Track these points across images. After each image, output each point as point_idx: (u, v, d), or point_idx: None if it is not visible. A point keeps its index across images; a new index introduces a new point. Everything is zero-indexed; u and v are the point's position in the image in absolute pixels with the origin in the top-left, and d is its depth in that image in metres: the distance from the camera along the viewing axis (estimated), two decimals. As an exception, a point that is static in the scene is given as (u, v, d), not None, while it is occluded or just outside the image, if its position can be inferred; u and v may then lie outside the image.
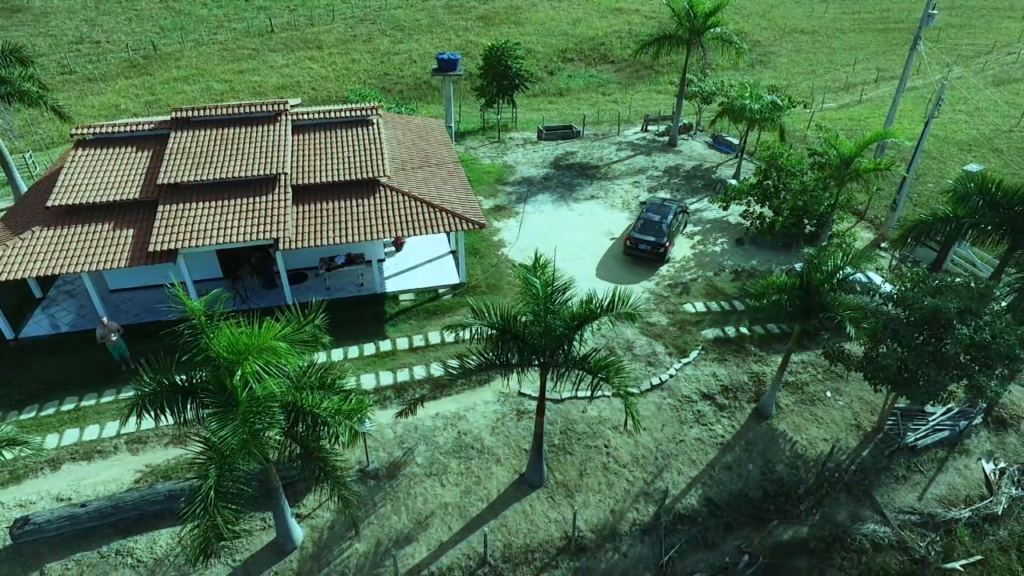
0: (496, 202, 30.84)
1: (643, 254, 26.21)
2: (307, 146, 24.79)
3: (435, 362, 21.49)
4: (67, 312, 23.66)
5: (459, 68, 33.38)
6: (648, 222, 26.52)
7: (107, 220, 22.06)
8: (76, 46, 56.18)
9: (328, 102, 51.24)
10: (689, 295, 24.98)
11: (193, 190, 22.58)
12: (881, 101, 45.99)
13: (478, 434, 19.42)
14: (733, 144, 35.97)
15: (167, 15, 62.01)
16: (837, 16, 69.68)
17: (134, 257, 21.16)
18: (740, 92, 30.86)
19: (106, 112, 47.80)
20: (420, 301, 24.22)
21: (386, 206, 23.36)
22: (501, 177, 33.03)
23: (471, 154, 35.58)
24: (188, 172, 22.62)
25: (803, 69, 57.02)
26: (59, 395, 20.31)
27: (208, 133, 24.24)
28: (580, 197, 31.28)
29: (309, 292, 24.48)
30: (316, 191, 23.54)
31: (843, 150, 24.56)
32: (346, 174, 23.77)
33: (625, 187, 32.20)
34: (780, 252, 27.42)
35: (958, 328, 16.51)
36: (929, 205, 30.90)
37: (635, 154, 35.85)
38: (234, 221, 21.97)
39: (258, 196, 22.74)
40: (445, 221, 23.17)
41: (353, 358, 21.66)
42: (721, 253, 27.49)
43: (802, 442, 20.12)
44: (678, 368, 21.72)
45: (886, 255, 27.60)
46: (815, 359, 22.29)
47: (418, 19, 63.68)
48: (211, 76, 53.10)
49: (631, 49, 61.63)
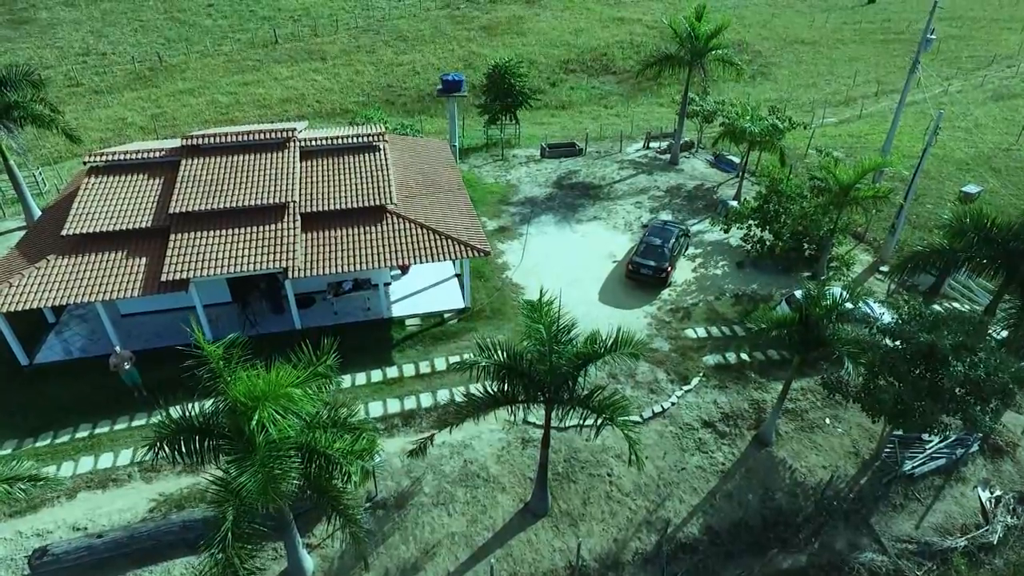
0: (500, 223, 31.27)
1: (645, 278, 26.63)
2: (315, 173, 25.22)
3: (441, 389, 21.92)
4: (79, 337, 24.12)
5: (463, 89, 33.79)
6: (650, 246, 26.94)
7: (120, 248, 22.50)
8: (83, 58, 56.70)
9: (333, 115, 51.72)
10: (690, 320, 25.41)
11: (204, 218, 23.02)
12: (881, 117, 46.38)
13: (484, 463, 19.85)
14: (734, 163, 36.38)
15: (172, 26, 62.47)
16: (838, 26, 70.05)
17: (147, 286, 21.61)
18: (740, 113, 31.26)
19: (113, 126, 48.31)
20: (426, 326, 24.66)
21: (393, 234, 23.80)
22: (505, 197, 33.46)
23: (475, 173, 36.01)
24: (199, 201, 23.07)
25: (804, 81, 57.44)
26: (73, 422, 20.75)
27: (218, 160, 24.68)
28: (583, 218, 31.70)
29: (317, 317, 24.95)
30: (324, 218, 23.98)
31: (842, 178, 24.97)
32: (354, 201, 24.21)
33: (627, 208, 32.62)
34: (780, 275, 27.83)
35: (953, 365, 16.92)
36: (927, 227, 31.35)
37: (637, 173, 36.26)
38: (245, 250, 22.41)
39: (268, 224, 23.18)
40: (451, 249, 23.60)
41: (361, 385, 22.10)
42: (722, 276, 27.91)
43: (801, 470, 20.54)
44: (679, 395, 22.15)
45: (884, 279, 28.01)
46: (814, 386, 22.71)
47: (421, 29, 64.10)
48: (216, 88, 53.58)
49: (633, 60, 62.34)
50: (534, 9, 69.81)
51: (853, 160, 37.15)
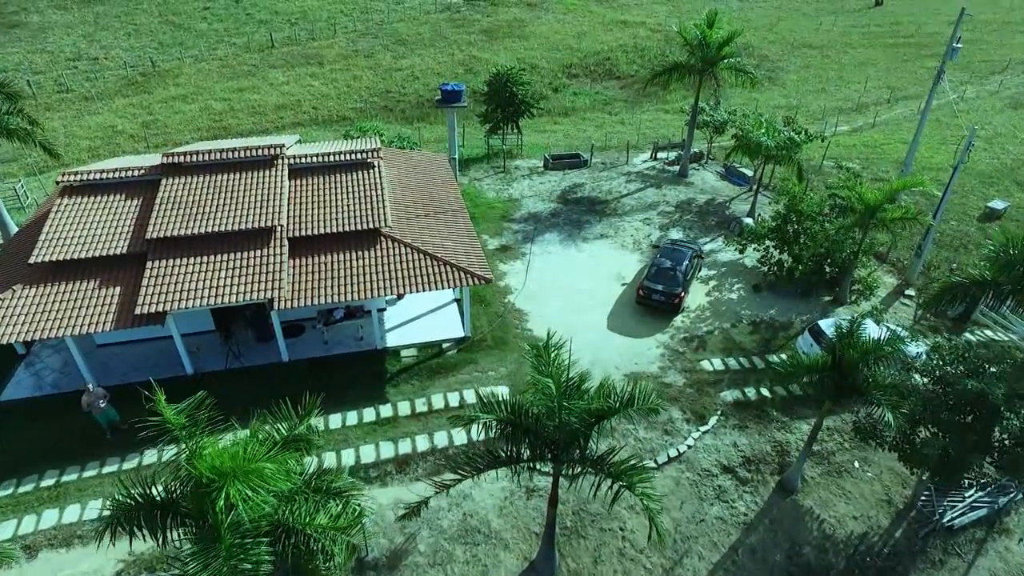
0: (502, 241, 29.41)
1: (657, 304, 24.78)
2: (304, 193, 23.38)
3: (439, 431, 20.08)
4: (51, 370, 22.29)
5: (463, 99, 31.93)
6: (661, 270, 25.08)
7: (93, 277, 20.66)
8: (73, 63, 54.75)
9: (329, 122, 49.84)
10: (706, 350, 23.56)
11: (184, 244, 21.17)
12: (896, 125, 44.51)
13: (485, 515, 18.02)
14: (746, 176, 34.50)
15: (166, 30, 60.55)
16: (846, 30, 68.10)
17: (120, 320, 19.76)
18: (755, 125, 29.38)
19: (103, 134, 46.42)
20: (422, 358, 22.82)
21: (388, 259, 21.95)
22: (507, 213, 31.60)
23: (475, 186, 34.15)
24: (178, 225, 21.23)
25: (813, 87, 55.50)
26: (39, 468, 18.91)
27: (200, 180, 22.84)
28: (589, 236, 29.83)
29: (306, 347, 23.13)
30: (314, 243, 22.13)
31: (868, 198, 23.11)
32: (346, 224, 22.36)
33: (636, 225, 30.74)
34: (800, 300, 25.98)
35: (1007, 417, 15.10)
36: (952, 246, 29.48)
37: (645, 186, 34.39)
38: (227, 279, 20.56)
39: (252, 250, 21.33)
40: (450, 276, 21.75)
41: (352, 425, 20.26)
42: (738, 301, 26.05)
43: (830, 520, 18.71)
44: (696, 437, 20.31)
45: (910, 303, 26.16)
46: (842, 425, 20.89)
47: (420, 33, 62.19)
48: (210, 94, 51.68)
49: (637, 64, 60.46)
50: (536, 12, 67.87)
51: (870, 172, 35.37)
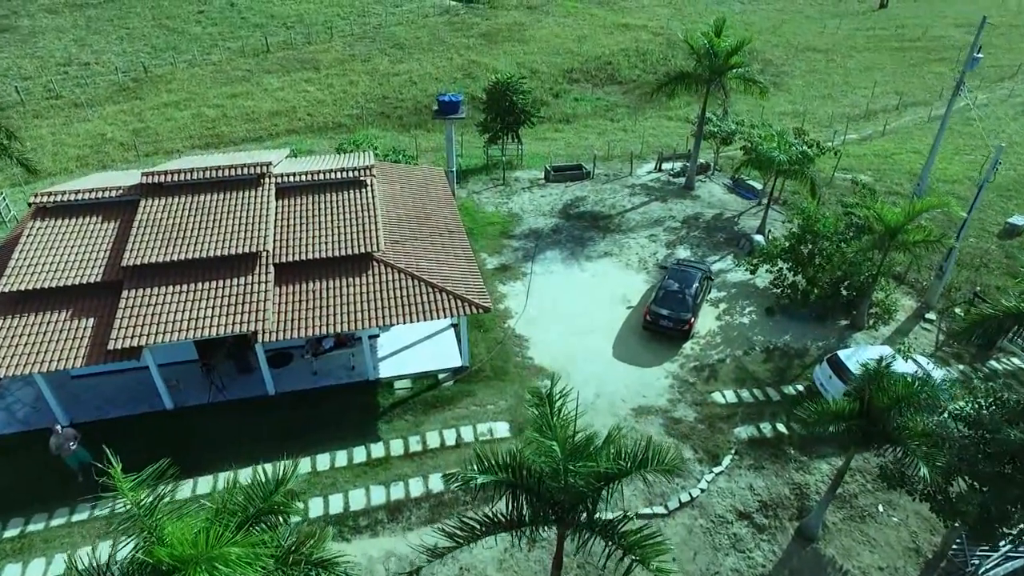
0: (501, 260, 27.95)
1: (665, 330, 23.33)
2: (292, 214, 21.94)
3: (434, 472, 18.64)
4: (22, 404, 20.83)
5: (461, 110, 30.47)
6: (670, 293, 23.62)
7: (64, 307, 19.19)
8: (64, 68, 53.24)
9: (325, 129, 48.36)
10: (717, 380, 22.12)
11: (162, 271, 19.72)
12: (906, 133, 43.06)
13: (483, 569, 16.58)
14: (755, 188, 33.04)
15: (160, 34, 59.04)
16: (850, 33, 66.62)
17: (92, 355, 18.31)
18: (766, 139, 27.92)
19: (92, 142, 44.92)
20: (417, 390, 21.38)
21: (380, 287, 20.50)
22: (506, 228, 30.13)
23: (474, 200, 32.68)
24: (157, 251, 19.78)
25: (819, 92, 54.01)
26: (3, 516, 17.48)
27: (181, 201, 21.41)
28: (592, 254, 28.36)
29: (293, 378, 21.70)
30: (301, 269, 20.68)
31: (889, 219, 21.66)
32: (336, 249, 20.92)
33: (641, 242, 29.28)
34: (815, 324, 24.55)
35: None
36: (972, 265, 28.04)
37: (650, 200, 32.93)
38: (207, 310, 19.11)
39: (236, 278, 19.88)
40: (447, 304, 20.30)
41: (341, 466, 18.82)
42: (750, 325, 24.61)
43: (854, 572, 17.30)
44: (710, 480, 18.88)
45: (931, 327, 24.74)
46: (864, 464, 19.47)
47: (418, 37, 60.70)
48: (203, 101, 50.18)
49: (639, 69, 58.94)
50: (535, 15, 66.38)
51: (883, 184, 33.93)
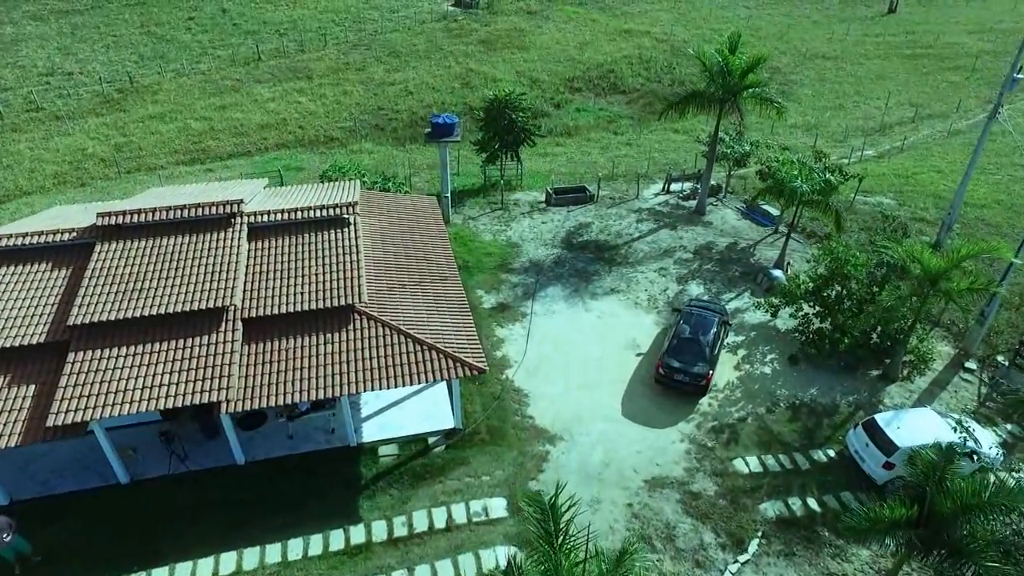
0: (499, 298, 25.46)
1: (679, 386, 20.87)
2: (265, 259, 19.45)
3: (421, 564, 16.19)
4: (-39, 477, 18.43)
5: (456, 132, 27.99)
6: (684, 342, 21.13)
7: (2, 373, 16.77)
8: (46, 78, 50.67)
9: (316, 143, 45.86)
10: (738, 444, 19.66)
11: (114, 330, 17.24)
12: (925, 149, 40.50)
13: None
14: (771, 214, 30.52)
15: (147, 41, 56.45)
16: (859, 39, 63.93)
17: (29, 432, 15.82)
18: (786, 166, 25.42)
19: (71, 158, 42.45)
20: (404, 458, 18.91)
21: (363, 344, 17.99)
22: (505, 261, 27.62)
23: (469, 227, 30.17)
24: (110, 307, 17.29)
25: (830, 102, 51.41)
26: (-71, 619, 15.14)
27: (141, 245, 18.94)
28: (598, 291, 25.87)
29: (266, 443, 19.24)
30: (273, 324, 18.18)
31: (931, 266, 19.18)
32: (313, 300, 18.42)
33: (650, 276, 26.78)
34: (843, 374, 22.09)
35: None
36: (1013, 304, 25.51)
37: (658, 226, 30.42)
38: (165, 377, 16.61)
39: (199, 337, 17.39)
40: (438, 366, 17.79)
41: (315, 555, 16.37)
42: (772, 376, 22.14)
43: None
44: (735, 571, 16.42)
45: (972, 379, 22.27)
46: (908, 551, 17.01)
47: (415, 44, 58.11)
48: (189, 113, 47.64)
49: (643, 77, 56.35)
50: (536, 21, 63.75)
51: (907, 209, 31.42)
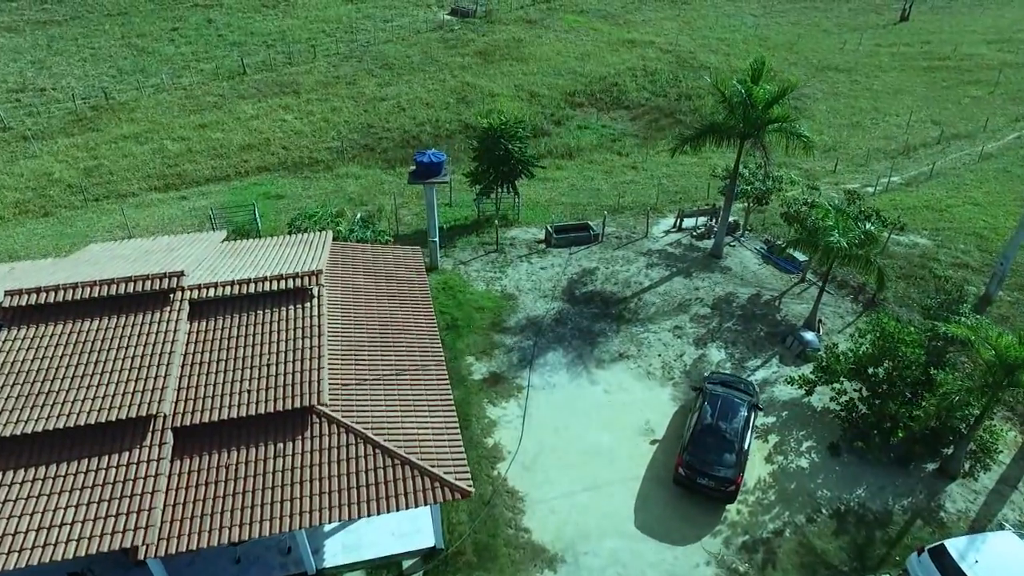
0: (491, 366, 21.85)
1: (703, 489, 17.28)
2: (207, 346, 15.84)
3: None
4: None
5: (444, 171, 24.39)
6: (708, 434, 17.52)
7: None
8: (16, 95, 47.04)
9: (300, 166, 42.20)
10: (776, 567, 16.08)
11: (9, 449, 13.71)
12: (957, 176, 36.78)
13: None
14: (796, 260, 26.88)
15: (127, 54, 52.81)
16: (872, 50, 60.19)
17: None
18: (821, 215, 21.80)
19: (35, 184, 38.84)
20: (374, 591, 15.42)
21: (323, 458, 14.40)
22: (498, 318, 24.00)
23: (460, 274, 26.53)
24: (6, 418, 13.72)
25: (846, 119, 47.71)
26: None
27: (57, 331, 15.35)
28: (604, 357, 22.27)
29: (208, 568, 15.69)
30: (212, 433, 14.60)
31: (1009, 353, 15.61)
32: (263, 401, 14.82)
33: (664, 338, 23.17)
34: (894, 469, 18.52)
35: None
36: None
37: (671, 273, 26.78)
38: (68, 513, 13.02)
39: (116, 455, 13.80)
40: (413, 486, 14.24)
41: None
42: (810, 471, 18.55)
43: None
44: None
45: (1044, 474, 18.75)
46: None
47: (409, 56, 54.43)
48: (167, 132, 43.97)
49: (647, 91, 52.62)
50: (535, 30, 60.01)
51: (946, 252, 27.77)
